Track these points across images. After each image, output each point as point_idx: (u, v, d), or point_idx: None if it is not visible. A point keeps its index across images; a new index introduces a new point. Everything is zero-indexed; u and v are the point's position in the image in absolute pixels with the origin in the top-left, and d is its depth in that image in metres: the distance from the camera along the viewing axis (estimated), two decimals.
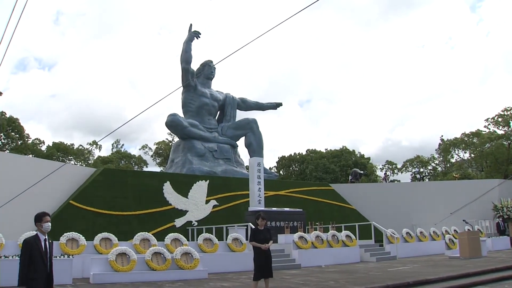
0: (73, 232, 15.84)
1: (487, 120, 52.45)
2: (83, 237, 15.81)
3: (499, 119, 50.91)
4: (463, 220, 25.82)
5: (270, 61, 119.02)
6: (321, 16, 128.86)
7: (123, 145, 72.55)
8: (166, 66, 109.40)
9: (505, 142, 49.94)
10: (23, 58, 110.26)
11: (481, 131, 54.67)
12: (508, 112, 50.02)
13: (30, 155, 49.96)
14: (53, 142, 62.25)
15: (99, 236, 16.29)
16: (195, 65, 34.04)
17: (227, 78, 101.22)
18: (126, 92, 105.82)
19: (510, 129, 49.88)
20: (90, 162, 63.46)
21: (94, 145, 64.44)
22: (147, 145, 70.26)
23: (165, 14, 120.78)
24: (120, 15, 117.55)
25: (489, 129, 52.60)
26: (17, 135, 53.36)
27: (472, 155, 56.66)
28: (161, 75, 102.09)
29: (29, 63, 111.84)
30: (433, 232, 25.44)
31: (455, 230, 25.70)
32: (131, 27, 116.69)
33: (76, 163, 59.90)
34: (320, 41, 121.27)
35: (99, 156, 66.17)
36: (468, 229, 23.83)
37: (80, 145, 66.80)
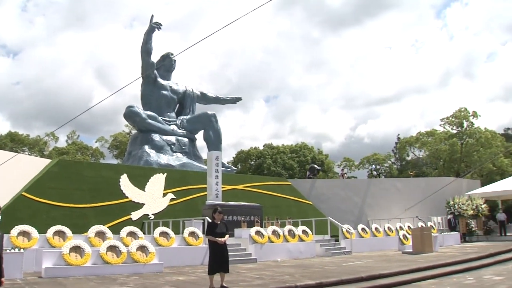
0: (25, 225, 15.47)
1: (442, 119, 53.79)
2: (36, 230, 15.45)
3: (453, 119, 52.25)
4: (416, 217, 26.57)
5: (240, 56, 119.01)
6: (290, 15, 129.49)
7: (78, 136, 70.57)
8: (137, 58, 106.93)
9: (458, 141, 51.31)
10: None
11: (436, 130, 56.08)
12: (462, 113, 51.39)
13: None
14: (8, 131, 60.33)
15: (53, 229, 15.97)
16: (155, 57, 33.69)
17: (196, 71, 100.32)
18: (94, 83, 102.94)
19: (463, 129, 51.27)
20: (45, 153, 61.64)
21: (52, 136, 62.55)
22: (103, 137, 68.77)
23: (138, 6, 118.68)
24: (92, 5, 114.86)
25: (444, 128, 53.96)
26: None
27: (427, 153, 57.97)
28: (131, 68, 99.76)
29: None
30: (388, 228, 26.01)
31: (408, 226, 26.36)
32: (103, 17, 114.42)
33: (30, 154, 58.13)
34: (290, 39, 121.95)
35: (55, 147, 64.29)
36: (421, 225, 24.52)
37: (38, 135, 64.81)
